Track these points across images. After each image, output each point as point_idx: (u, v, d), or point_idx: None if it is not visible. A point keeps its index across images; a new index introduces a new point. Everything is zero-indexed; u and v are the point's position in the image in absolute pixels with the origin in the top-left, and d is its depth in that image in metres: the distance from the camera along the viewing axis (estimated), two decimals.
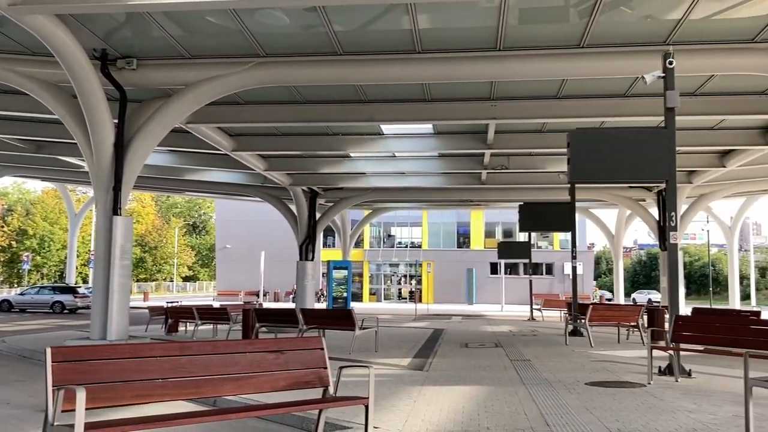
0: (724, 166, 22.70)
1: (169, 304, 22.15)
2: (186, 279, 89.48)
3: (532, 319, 27.92)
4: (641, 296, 56.00)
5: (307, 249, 27.97)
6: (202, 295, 72.52)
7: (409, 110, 16.38)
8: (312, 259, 28.13)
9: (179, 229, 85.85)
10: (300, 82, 13.83)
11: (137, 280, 77.75)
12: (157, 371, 4.94)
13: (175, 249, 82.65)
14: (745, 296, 51.49)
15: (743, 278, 56.22)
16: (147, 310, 22.99)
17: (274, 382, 5.36)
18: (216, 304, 25.11)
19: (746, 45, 12.36)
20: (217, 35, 12.16)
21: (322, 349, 5.60)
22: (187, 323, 19.98)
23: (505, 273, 49.85)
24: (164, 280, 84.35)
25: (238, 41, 12.09)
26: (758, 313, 16.51)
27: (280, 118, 16.87)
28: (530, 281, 30.38)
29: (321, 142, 20.26)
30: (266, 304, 32.34)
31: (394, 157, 23.36)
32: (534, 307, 29.25)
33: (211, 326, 19.32)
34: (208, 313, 18.95)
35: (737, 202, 37.10)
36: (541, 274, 52.72)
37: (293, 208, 28.37)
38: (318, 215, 29.17)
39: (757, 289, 57.68)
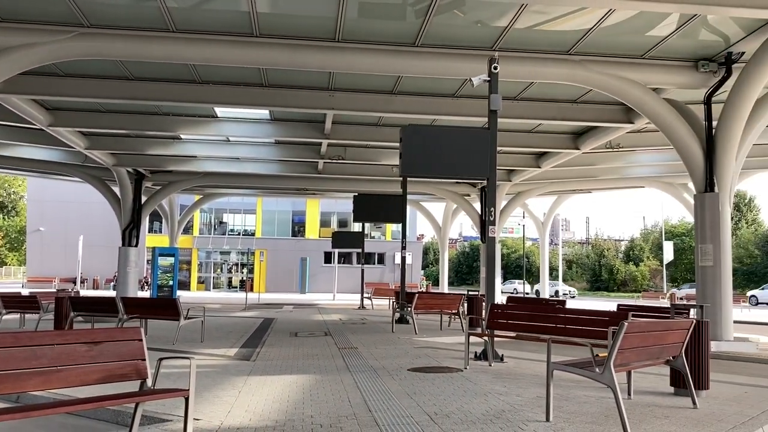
0: (539, 167, 24.66)
1: None
2: None
3: (362, 307, 28.57)
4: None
5: (130, 234, 26.47)
6: (10, 281, 66.17)
7: (245, 94, 16.04)
8: (136, 245, 26.67)
9: None
10: (128, 57, 13.01)
11: None
12: None
13: None
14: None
15: (553, 269, 61.46)
16: None
17: (86, 376, 5.02)
18: (25, 292, 22.99)
19: (562, 56, 13.48)
20: None
21: (141, 340, 5.33)
22: None
23: (339, 262, 50.58)
24: None
25: (59, 7, 11.15)
26: (563, 302, 18.09)
27: (104, 94, 15.77)
28: (362, 270, 31.05)
29: (149, 122, 19.25)
30: (84, 292, 30.18)
31: (228, 141, 22.78)
32: (365, 295, 29.95)
33: (18, 316, 17.71)
34: (14, 301, 17.32)
35: (549, 199, 40.42)
36: (373, 264, 54.11)
37: (117, 190, 26.71)
38: (144, 199, 27.70)
39: (564, 280, 63.37)
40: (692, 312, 11.14)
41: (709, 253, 13.86)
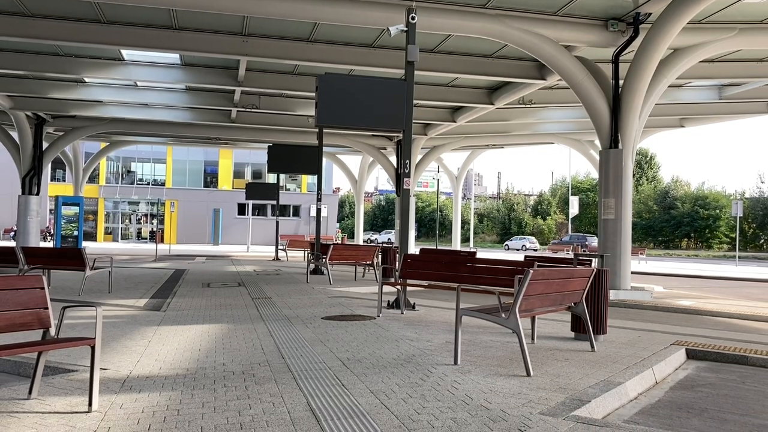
0: (455, 121, 24.98)
1: None
2: None
3: (277, 259, 28.45)
4: (515, 243, 58.12)
5: (31, 182, 25.14)
6: None
7: (153, 37, 15.33)
8: (37, 194, 25.38)
9: None
10: None
11: None
12: None
13: None
14: (466, 239, 57.84)
15: (465, 223, 63.05)
16: None
17: None
18: None
19: (479, 10, 13.56)
20: None
21: (43, 288, 5.11)
22: None
23: (253, 214, 49.92)
24: None
25: None
26: (474, 254, 18.62)
27: None
28: (277, 222, 30.82)
29: (50, 63, 18.11)
30: None
31: (136, 86, 21.81)
32: (279, 247, 29.81)
33: None
34: None
35: (464, 154, 41.17)
36: (289, 216, 53.76)
37: (15, 135, 25.18)
38: (45, 145, 26.28)
39: (475, 233, 65.17)
40: (594, 262, 11.71)
41: (611, 206, 14.54)
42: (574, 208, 43.36)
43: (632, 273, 16.72)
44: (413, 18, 10.94)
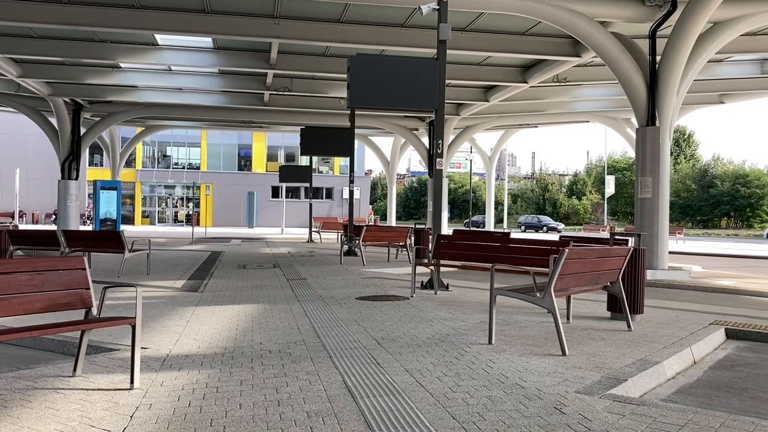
0: (488, 101, 24.72)
1: None
2: None
3: (310, 241, 28.66)
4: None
5: (70, 167, 25.67)
6: None
7: (186, 21, 15.45)
8: (76, 178, 25.92)
9: None
10: None
11: None
12: None
13: None
14: (500, 220, 57.46)
15: (499, 204, 62.59)
16: None
17: (28, 305, 4.91)
18: None
19: None
20: None
21: (84, 269, 5.23)
22: None
23: (287, 197, 50.29)
24: None
25: None
26: (508, 234, 18.50)
27: (36, 19, 14.95)
28: (310, 205, 31.00)
29: (86, 49, 18.39)
30: (23, 227, 29.32)
31: (170, 70, 22.03)
32: (313, 229, 30.00)
33: None
34: None
35: (497, 134, 40.76)
36: (322, 198, 54.03)
37: (54, 121, 25.70)
38: (83, 130, 26.77)
39: (509, 214, 64.69)
40: (631, 241, 11.54)
41: (648, 185, 14.29)
42: (610, 188, 42.72)
43: (670, 253, 16.45)
44: None
